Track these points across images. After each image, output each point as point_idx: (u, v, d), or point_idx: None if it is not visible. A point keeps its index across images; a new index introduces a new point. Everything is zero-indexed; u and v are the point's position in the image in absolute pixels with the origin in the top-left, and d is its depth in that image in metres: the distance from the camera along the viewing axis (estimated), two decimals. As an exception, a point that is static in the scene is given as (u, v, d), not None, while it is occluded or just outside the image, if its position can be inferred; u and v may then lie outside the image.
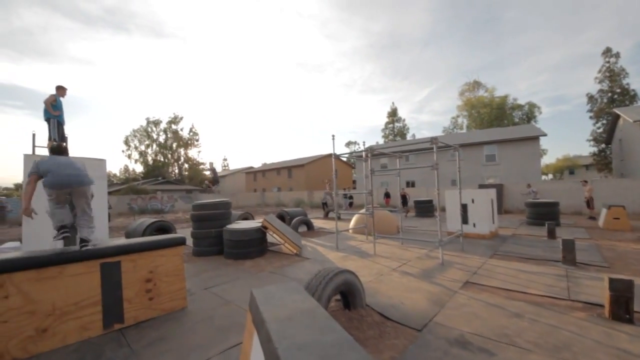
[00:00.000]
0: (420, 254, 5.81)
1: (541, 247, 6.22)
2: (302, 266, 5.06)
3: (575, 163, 44.42)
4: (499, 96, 35.74)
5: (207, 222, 6.22)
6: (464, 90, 40.59)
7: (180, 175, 48.26)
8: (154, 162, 48.77)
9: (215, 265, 5.31)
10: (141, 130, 49.83)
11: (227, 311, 3.21)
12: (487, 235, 7.48)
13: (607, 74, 25.25)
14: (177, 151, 49.01)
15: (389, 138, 46.59)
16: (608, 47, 25.09)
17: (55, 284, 2.61)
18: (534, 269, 4.63)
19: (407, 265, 4.93)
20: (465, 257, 5.50)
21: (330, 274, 2.64)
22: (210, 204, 6.34)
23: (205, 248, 6.14)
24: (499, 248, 6.24)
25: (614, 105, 24.70)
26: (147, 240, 3.25)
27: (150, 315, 3.09)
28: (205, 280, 4.40)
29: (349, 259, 5.53)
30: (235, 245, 5.73)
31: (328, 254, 5.96)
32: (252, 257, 5.75)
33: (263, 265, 5.19)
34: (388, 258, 5.49)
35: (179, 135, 48.59)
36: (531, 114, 34.67)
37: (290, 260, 5.57)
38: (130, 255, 3.05)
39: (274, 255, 6.06)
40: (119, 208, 22.63)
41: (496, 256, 5.54)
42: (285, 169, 36.63)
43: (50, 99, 5.30)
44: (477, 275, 4.34)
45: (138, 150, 49.45)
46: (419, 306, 3.22)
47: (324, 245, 7.09)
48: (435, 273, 4.47)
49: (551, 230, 7.24)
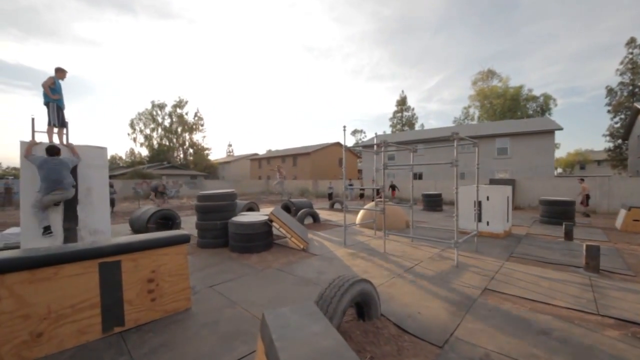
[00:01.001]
0: (433, 253, 5.59)
1: (559, 250, 5.94)
2: (310, 263, 4.87)
3: (586, 158, 43.35)
4: (513, 87, 34.51)
5: (212, 214, 6.04)
6: (477, 79, 39.25)
7: (185, 160, 48.26)
8: (159, 146, 48.75)
9: (220, 259, 5.15)
10: (146, 113, 49.57)
11: (233, 315, 3.04)
12: (501, 234, 7.21)
13: (630, 65, 24.02)
14: (182, 136, 48.84)
15: (397, 128, 45.73)
16: (632, 37, 23.73)
17: (50, 285, 2.43)
18: (555, 275, 4.38)
19: (420, 267, 4.71)
20: (480, 258, 5.26)
21: (346, 284, 2.42)
22: (216, 195, 6.14)
23: (210, 240, 5.98)
24: (514, 249, 5.98)
25: (634, 100, 23.62)
26: (149, 238, 3.05)
27: (153, 317, 2.93)
28: (210, 276, 4.24)
29: (357, 256, 5.32)
30: (241, 239, 5.56)
31: (336, 250, 5.77)
32: (258, 251, 5.59)
33: (269, 261, 5.02)
34: (399, 257, 5.27)
35: (184, 119, 48.27)
36: (546, 106, 33.47)
37: (297, 255, 5.39)
38: (131, 255, 2.85)
39: (279, 249, 5.88)
40: (124, 192, 22.71)
41: (513, 259, 5.29)
42: (291, 157, 36.33)
43: (48, 82, 5.03)
44: (496, 281, 4.11)
45: (143, 133, 49.39)
46: (437, 317, 3.01)
47: (330, 239, 6.90)
48: (450, 277, 4.25)
49: (569, 231, 6.94)
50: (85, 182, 4.65)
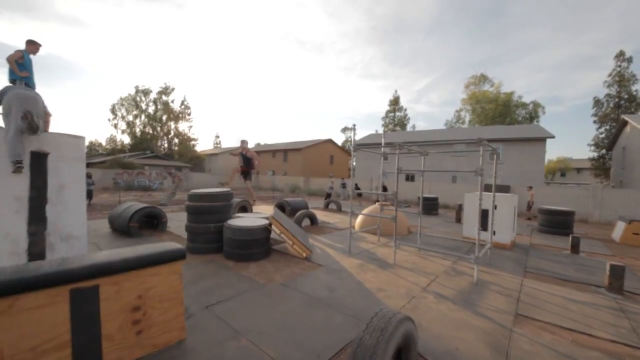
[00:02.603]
0: (446, 266, 5.23)
1: (571, 265, 5.74)
2: (317, 277, 4.38)
3: (567, 165, 44.90)
4: (504, 92, 35.07)
5: (205, 216, 5.42)
6: (469, 83, 39.64)
7: (169, 150, 46.39)
8: (142, 134, 46.57)
9: (214, 269, 4.57)
10: (129, 99, 47.16)
11: (239, 351, 2.51)
12: (508, 245, 6.98)
13: (617, 78, 24.79)
14: (167, 124, 46.84)
15: (389, 127, 45.68)
16: (622, 50, 24.48)
17: (3, 323, 1.82)
18: (580, 296, 4.10)
19: (437, 284, 4.32)
20: (495, 273, 4.95)
21: (389, 327, 1.94)
22: (210, 194, 5.51)
23: (202, 245, 5.37)
24: (526, 263, 5.73)
25: (619, 111, 24.43)
26: (136, 255, 2.46)
27: (138, 354, 2.36)
28: (205, 292, 3.67)
29: (367, 268, 4.88)
30: (238, 245, 4.99)
31: (342, 260, 5.31)
32: (257, 260, 5.04)
33: (271, 272, 4.49)
34: (411, 270, 4.87)
35: (170, 107, 46.26)
36: (535, 113, 34.27)
37: (300, 266, 4.88)
38: (112, 277, 2.26)
39: (279, 257, 5.36)
40: (104, 182, 21.36)
41: (529, 275, 5.00)
42: (281, 152, 35.54)
43: (15, 56, 4.22)
44: (523, 303, 3.77)
45: (125, 120, 47.02)
46: (478, 355, 2.60)
47: (333, 246, 6.43)
48: (474, 297, 3.87)
49: (575, 244, 6.78)
50: (57, 177, 3.92)
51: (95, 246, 5.72)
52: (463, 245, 6.94)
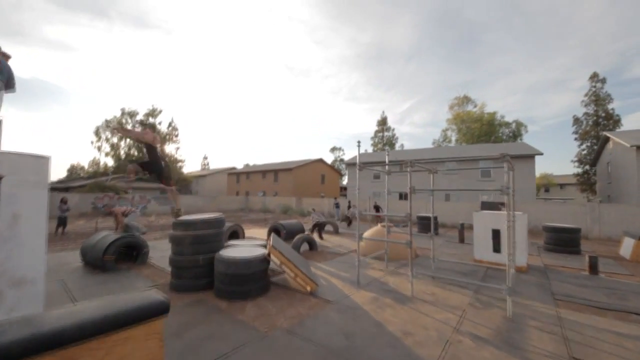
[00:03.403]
0: (468, 296, 4.64)
1: (596, 288, 5.28)
2: (328, 318, 3.70)
3: (550, 181, 46.20)
4: (488, 112, 36.39)
5: (193, 246, 4.70)
6: (453, 104, 41.08)
7: (155, 172, 44.88)
8: (126, 157, 45.12)
9: (204, 312, 3.82)
10: (114, 121, 46.10)
11: None
12: (524, 267, 6.50)
13: (593, 97, 26.15)
14: (153, 146, 45.68)
15: (378, 147, 46.18)
16: (595, 72, 26.06)
17: None
18: (628, 329, 3.59)
19: (468, 321, 3.71)
20: (525, 303, 4.40)
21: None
22: (199, 221, 4.83)
23: (188, 281, 4.61)
24: (551, 288, 5.22)
25: (598, 129, 25.53)
26: (98, 316, 1.78)
27: None
28: (193, 347, 2.93)
29: (383, 304, 4.23)
30: (232, 281, 4.27)
31: (352, 294, 4.64)
32: (254, 297, 4.32)
33: (272, 314, 3.77)
34: (433, 304, 4.26)
35: (157, 129, 45.38)
36: (518, 131, 35.50)
37: (306, 303, 4.18)
38: (64, 350, 1.58)
39: (280, 292, 4.65)
40: (82, 207, 19.94)
41: (561, 303, 4.48)
42: (272, 172, 34.92)
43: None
44: (574, 343, 3.21)
45: (110, 142, 45.65)
46: None
47: (338, 275, 5.76)
48: (515, 338, 3.28)
49: (594, 264, 6.38)
50: (12, 205, 3.20)
51: (60, 286, 4.84)
52: (477, 270, 6.41)
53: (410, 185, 4.73)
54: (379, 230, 7.78)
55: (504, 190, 3.96)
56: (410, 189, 4.71)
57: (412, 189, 4.71)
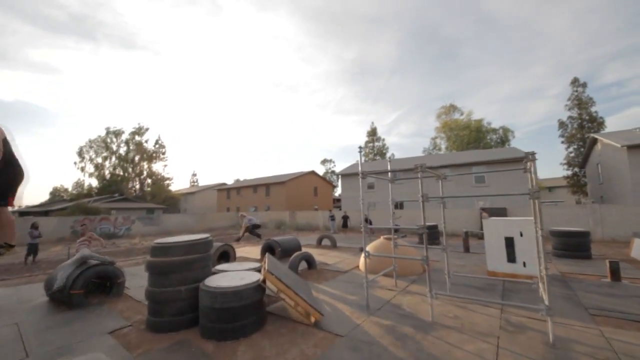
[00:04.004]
0: (495, 317, 4.06)
1: (627, 297, 4.81)
2: (340, 359, 3.03)
3: (540, 185, 46.90)
4: (475, 119, 37.05)
5: (173, 275, 3.99)
6: (440, 113, 41.74)
7: (141, 191, 43.38)
8: (111, 177, 43.52)
9: (187, 358, 3.09)
10: (99, 140, 44.69)
11: None
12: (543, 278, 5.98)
13: (576, 102, 26.85)
14: (139, 164, 44.31)
15: (369, 157, 46.15)
16: (575, 77, 26.91)
17: None
18: (693, 352, 3.05)
19: (507, 352, 3.10)
20: (560, 322, 3.84)
21: None
22: (180, 245, 4.13)
23: (169, 318, 3.86)
24: (579, 300, 4.71)
25: (583, 131, 26.08)
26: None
27: None
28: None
29: (402, 334, 3.59)
30: (220, 317, 3.56)
31: (363, 322, 3.98)
32: (247, 334, 3.61)
33: (270, 357, 3.08)
34: (460, 331, 3.64)
35: (143, 147, 44.16)
36: (505, 137, 36.11)
37: (311, 339, 3.50)
38: None
39: (277, 324, 3.95)
40: (60, 232, 18.61)
41: (599, 319, 3.95)
42: (263, 186, 34.11)
43: None
44: (642, 377, 2.64)
45: (94, 162, 44.05)
46: None
47: (343, 298, 5.09)
48: (570, 374, 2.69)
49: (615, 270, 5.93)
50: None
51: (13, 331, 4.00)
52: (496, 284, 5.86)
53: (422, 192, 4.21)
54: (383, 244, 7.19)
55: (532, 194, 3.47)
56: (423, 197, 4.18)
57: (425, 197, 4.18)
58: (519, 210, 14.14)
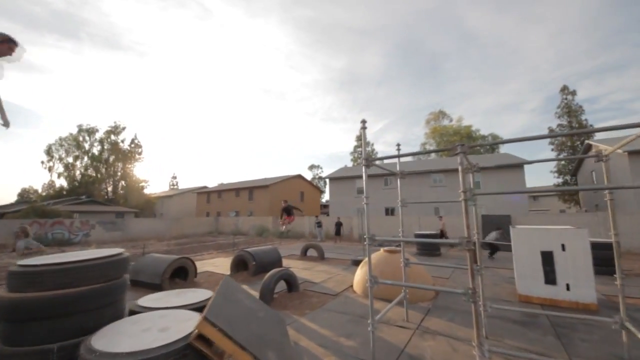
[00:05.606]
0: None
1: None
2: None
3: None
4: (464, 125, 36.71)
5: (42, 322, 2.25)
6: (430, 119, 41.34)
7: (114, 193, 40.25)
8: (82, 178, 40.12)
9: None
10: (70, 139, 41.29)
11: None
12: (593, 305, 4.60)
13: (566, 109, 26.76)
14: (114, 165, 41.19)
15: (358, 162, 45.03)
16: (565, 85, 26.90)
17: None
18: None
19: None
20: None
21: None
22: (56, 270, 2.40)
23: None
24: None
25: (574, 139, 25.85)
26: None
27: None
28: None
29: None
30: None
31: (370, 400, 2.35)
32: None
33: None
34: None
35: (119, 147, 41.14)
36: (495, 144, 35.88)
37: None
38: None
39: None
40: (4, 237, 15.98)
41: None
42: (246, 190, 32.04)
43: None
44: None
45: (64, 162, 40.55)
46: None
47: (334, 343, 3.45)
48: None
49: (683, 296, 4.61)
50: None
51: None
52: (537, 316, 4.37)
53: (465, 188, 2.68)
54: (385, 258, 5.64)
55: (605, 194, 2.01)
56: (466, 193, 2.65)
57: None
58: (518, 218, 12.99)
